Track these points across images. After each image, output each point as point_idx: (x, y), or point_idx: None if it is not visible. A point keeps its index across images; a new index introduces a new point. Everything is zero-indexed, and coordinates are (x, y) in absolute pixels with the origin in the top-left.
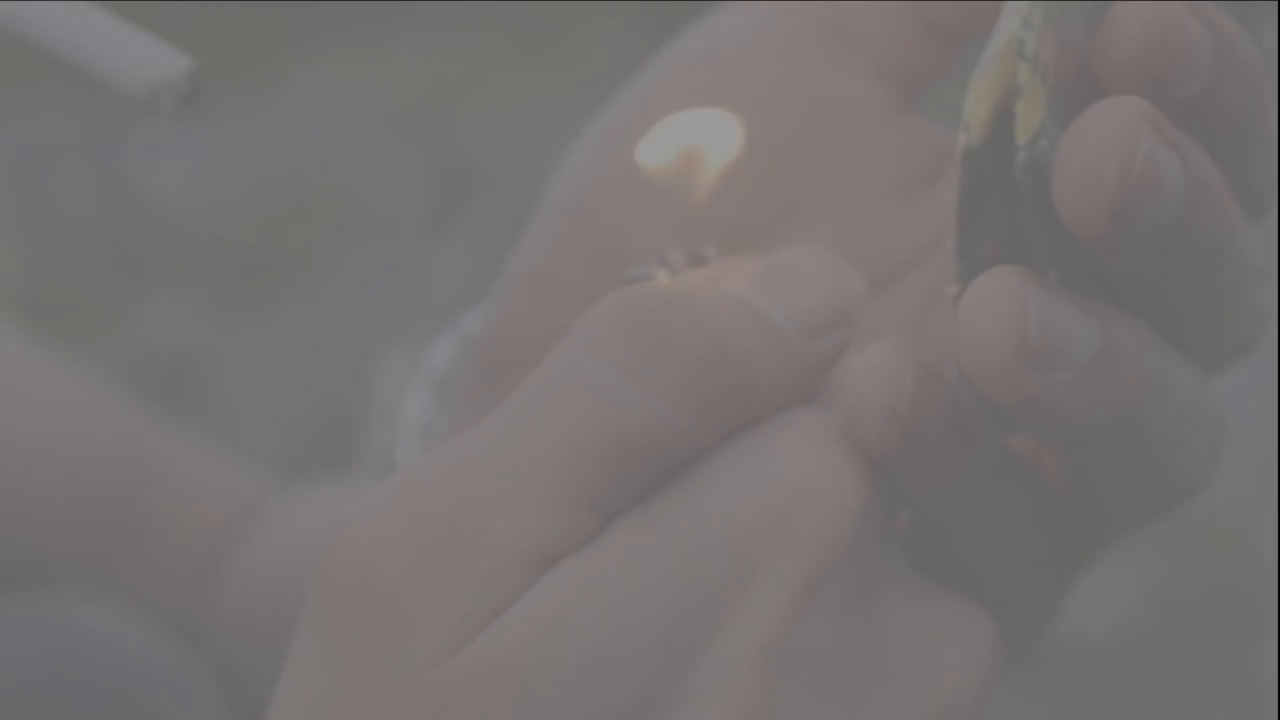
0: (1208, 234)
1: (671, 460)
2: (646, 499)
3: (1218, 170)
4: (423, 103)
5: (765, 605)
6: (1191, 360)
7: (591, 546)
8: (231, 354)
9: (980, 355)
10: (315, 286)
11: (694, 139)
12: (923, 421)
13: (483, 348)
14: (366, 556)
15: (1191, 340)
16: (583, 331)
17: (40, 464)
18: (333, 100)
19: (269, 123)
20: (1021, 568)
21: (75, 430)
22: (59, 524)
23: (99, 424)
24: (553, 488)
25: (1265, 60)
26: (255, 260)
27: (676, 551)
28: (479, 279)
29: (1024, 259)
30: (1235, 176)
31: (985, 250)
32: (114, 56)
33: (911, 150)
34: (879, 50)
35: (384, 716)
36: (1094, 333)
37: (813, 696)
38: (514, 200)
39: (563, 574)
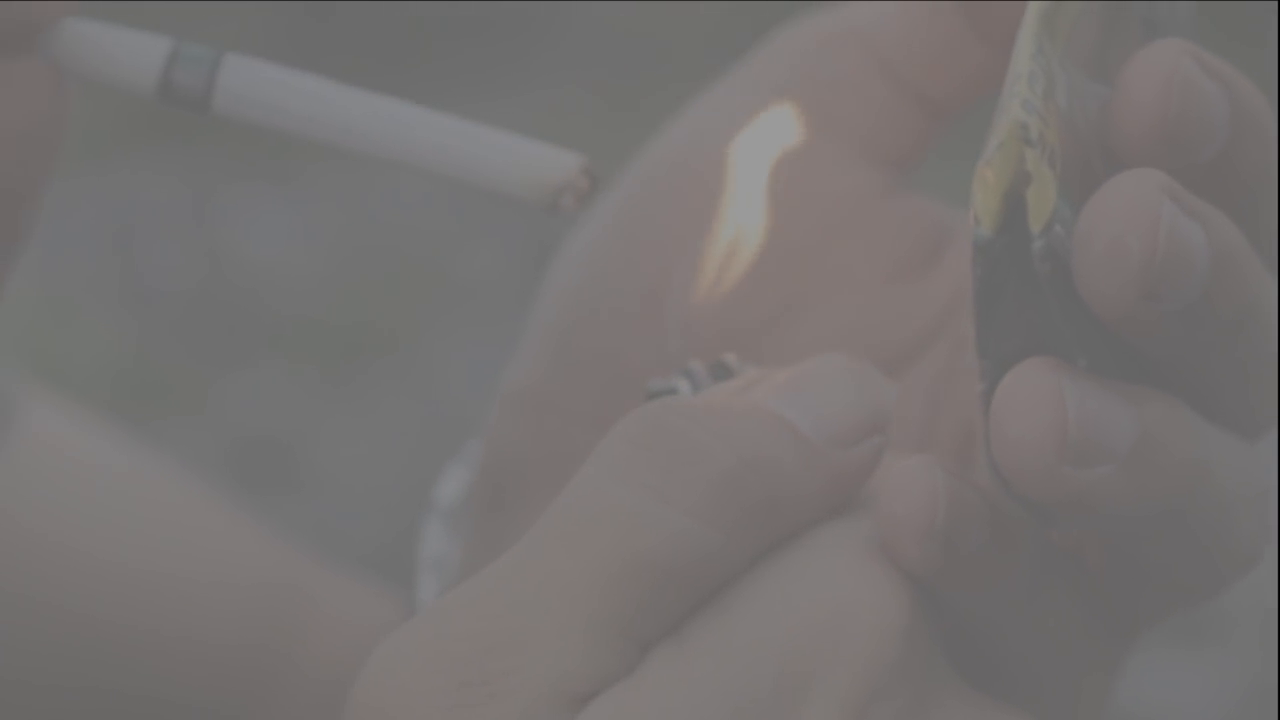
0: (1235, 300)
1: (705, 582)
2: (682, 626)
3: (1239, 232)
4: None
5: None
6: (1231, 430)
7: (627, 681)
8: (324, 432)
9: (1019, 455)
10: (409, 362)
11: (684, 245)
12: (962, 534)
13: (486, 474)
14: (393, 707)
15: (1227, 409)
16: (604, 452)
17: (194, 608)
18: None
19: (360, 192)
20: (1072, 664)
21: (228, 575)
22: (210, 666)
23: (251, 568)
24: (582, 620)
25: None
26: (348, 335)
27: (718, 682)
28: None
29: (1050, 348)
30: (1252, 232)
31: (1009, 344)
32: (509, 168)
33: (908, 232)
34: (866, 132)
35: None
36: (1133, 419)
37: None
38: None
39: (598, 712)
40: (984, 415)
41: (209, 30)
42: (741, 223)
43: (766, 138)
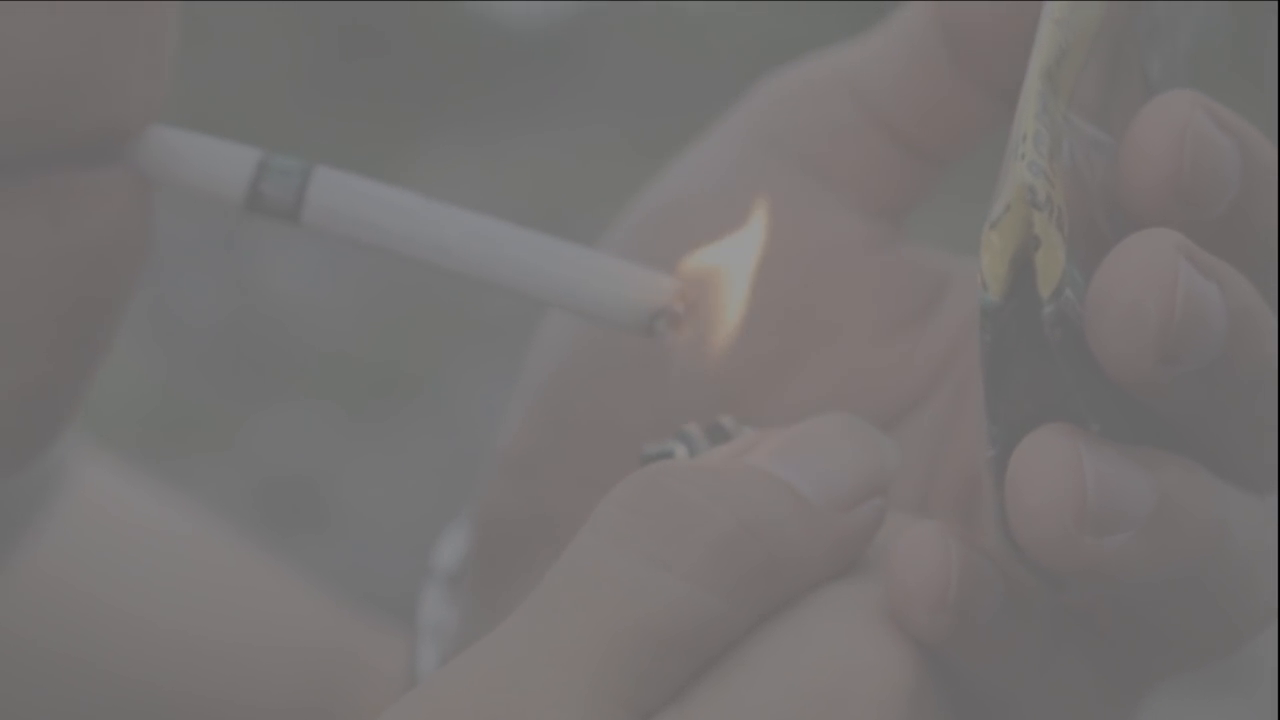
0: (1252, 358)
1: (706, 649)
2: (684, 694)
3: (1254, 288)
4: (539, 203)
5: None
6: (1246, 487)
7: None
8: (350, 471)
9: (1037, 526)
10: (434, 400)
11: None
12: (974, 604)
13: (480, 538)
14: None
15: (1243, 466)
16: (600, 518)
17: (248, 673)
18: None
19: None
20: None
21: (281, 639)
22: (273, 708)
23: (303, 631)
24: (583, 692)
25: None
26: (374, 372)
27: None
28: None
29: (1061, 413)
30: (1265, 284)
31: (1019, 409)
32: (604, 293)
33: (903, 283)
34: (859, 182)
35: None
36: (1151, 485)
37: None
38: None
39: None
40: (993, 481)
41: (236, 67)
42: (734, 276)
43: (758, 189)
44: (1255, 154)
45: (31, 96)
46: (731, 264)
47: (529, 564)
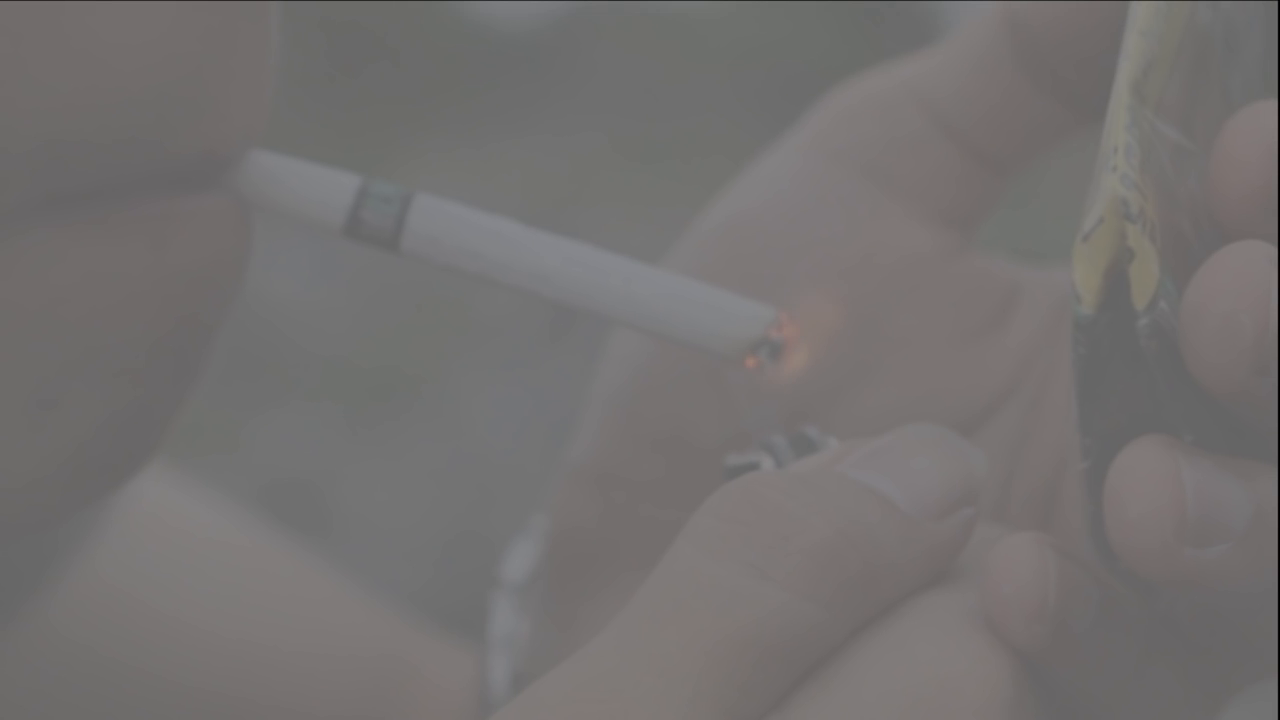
0: None
1: (806, 658)
2: (784, 704)
3: None
4: (529, 207)
5: None
6: None
7: None
8: (351, 473)
9: (1137, 535)
10: (433, 400)
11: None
12: (1072, 614)
13: (554, 550)
14: None
15: None
16: (696, 529)
17: (302, 681)
18: None
19: None
20: None
21: (335, 647)
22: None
23: (356, 639)
24: (683, 701)
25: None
26: (371, 374)
27: None
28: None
29: (1155, 425)
30: None
31: (1112, 420)
32: (706, 324)
33: (974, 292)
34: (929, 193)
35: None
36: (1248, 496)
37: None
38: None
39: None
40: (1086, 493)
41: None
42: (805, 289)
43: (827, 202)
44: None
45: (134, 115)
46: (802, 274)
47: (602, 575)
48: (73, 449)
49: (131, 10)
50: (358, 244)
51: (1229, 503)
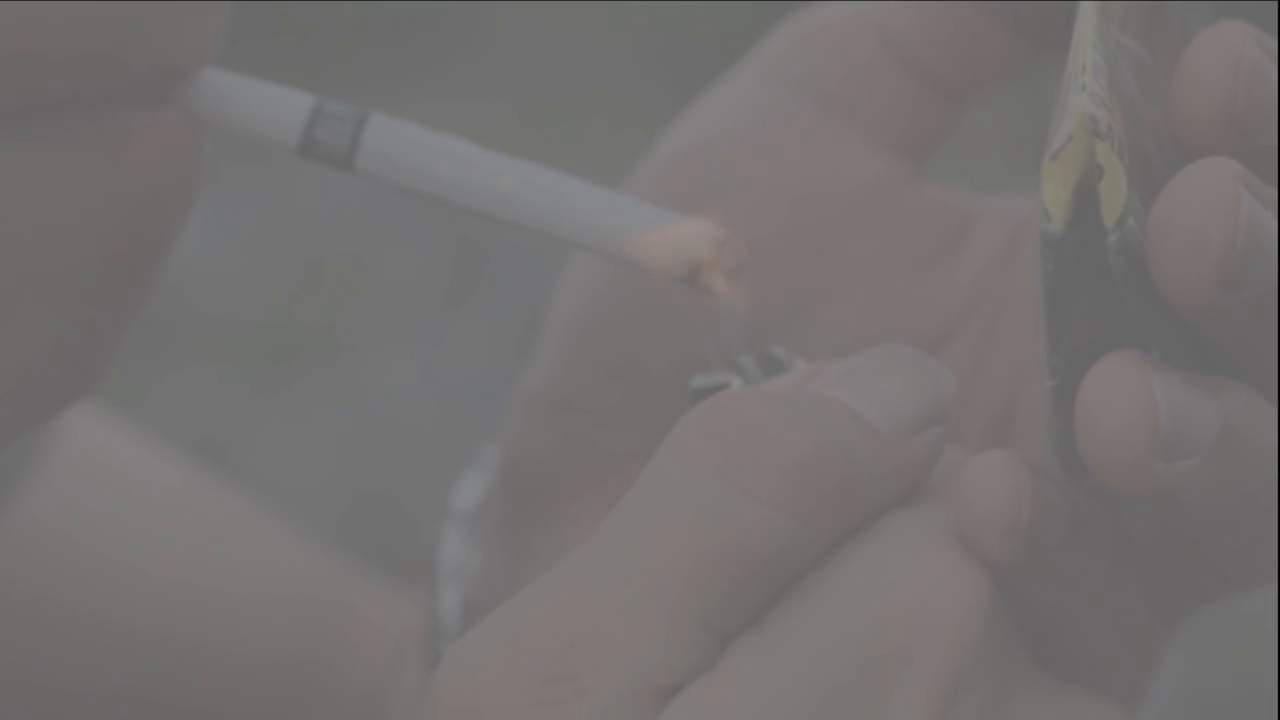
0: None
1: (784, 572)
2: (762, 618)
3: None
4: None
5: None
6: None
7: (711, 673)
8: (253, 433)
9: (1110, 449)
10: (334, 362)
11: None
12: (1044, 530)
13: (506, 477)
14: (479, 706)
15: None
16: (675, 444)
17: (245, 623)
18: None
19: (281, 193)
20: (1134, 646)
21: (278, 591)
22: (257, 680)
23: (300, 583)
24: (665, 614)
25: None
26: (272, 336)
27: (803, 674)
28: (498, 350)
29: (1122, 341)
30: None
31: (1079, 339)
32: (659, 246)
33: (928, 220)
34: (883, 120)
35: None
36: (1217, 410)
37: None
38: (528, 270)
39: (685, 705)
40: (1053, 410)
41: None
42: (760, 216)
43: (782, 129)
44: None
45: (84, 32)
46: (756, 202)
47: (556, 502)
48: (17, 368)
49: None
50: (311, 162)
51: (1198, 417)
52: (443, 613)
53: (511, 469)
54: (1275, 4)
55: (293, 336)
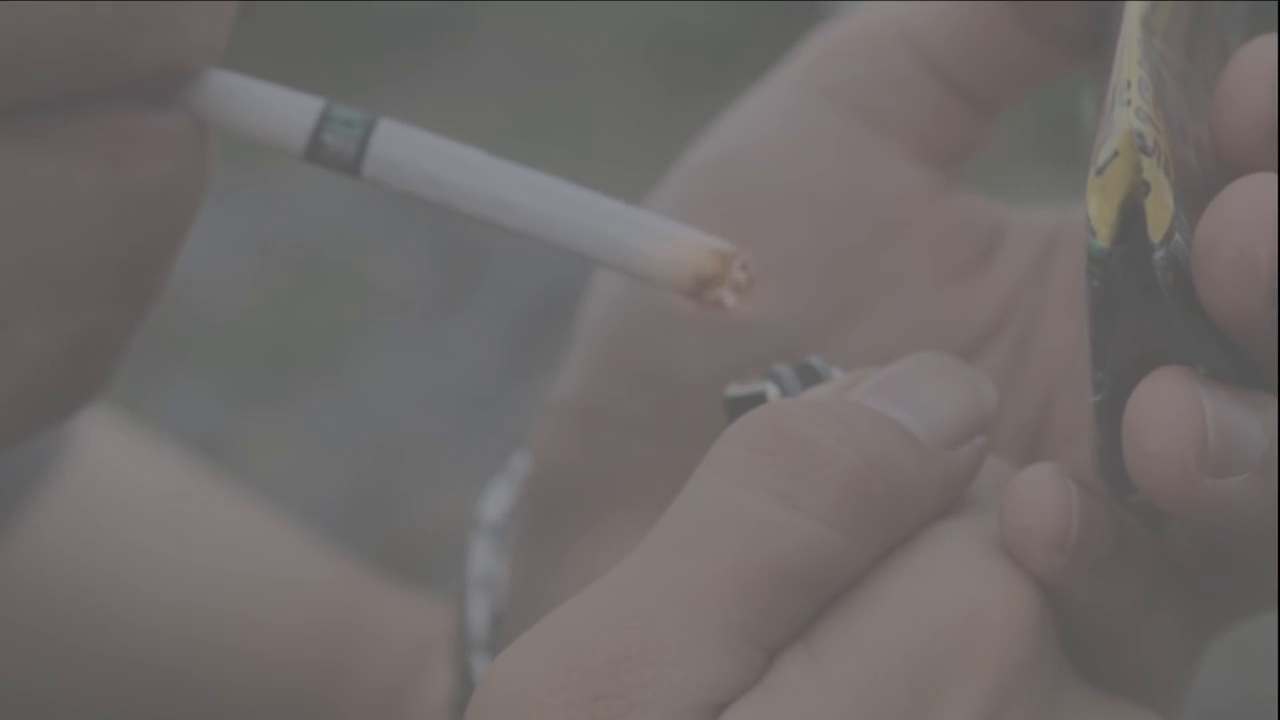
0: None
1: (832, 587)
2: (810, 631)
3: None
4: None
5: None
6: None
7: (761, 688)
8: (248, 438)
9: (1159, 467)
10: (330, 365)
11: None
12: (1090, 544)
13: (534, 487)
14: (528, 716)
15: None
16: (722, 457)
17: (250, 654)
18: (337, 175)
19: (276, 199)
20: (1174, 659)
21: (286, 596)
22: (266, 681)
23: (307, 587)
24: (714, 629)
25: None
26: (268, 340)
27: (852, 688)
28: (493, 354)
29: (1168, 358)
30: None
31: (1125, 354)
32: (665, 260)
33: (961, 230)
34: (916, 131)
35: None
36: (1263, 426)
37: None
38: (523, 274)
39: None
40: (1097, 426)
41: None
42: (793, 226)
43: (815, 140)
44: None
45: (91, 29)
46: (790, 212)
47: (588, 514)
48: (24, 371)
49: None
50: (318, 167)
51: (1246, 433)
52: (472, 623)
53: (541, 479)
54: (1275, 3)
55: (288, 341)
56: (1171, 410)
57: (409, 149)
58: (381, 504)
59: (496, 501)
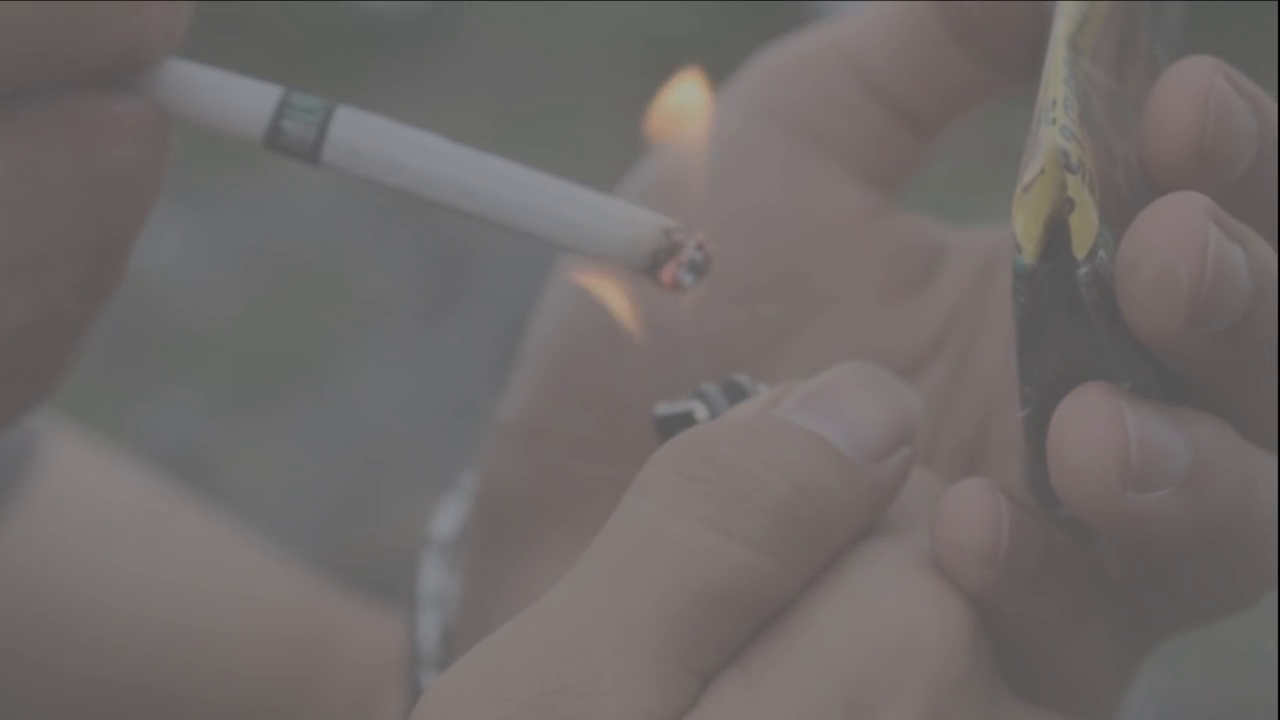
0: (1273, 319)
1: (764, 611)
2: (744, 655)
3: (1273, 251)
4: None
5: None
6: (1266, 449)
7: (696, 713)
8: (232, 445)
9: (1081, 480)
10: (315, 375)
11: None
12: (1021, 558)
13: (483, 507)
14: None
15: (1263, 428)
16: (651, 483)
17: (222, 647)
18: (322, 183)
19: (260, 209)
20: (1113, 675)
21: (255, 613)
22: (234, 698)
23: (276, 604)
24: (648, 656)
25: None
26: (252, 350)
27: (788, 711)
28: (477, 364)
29: (1094, 373)
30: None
31: (1051, 369)
32: (622, 239)
33: (901, 250)
34: (857, 152)
35: None
36: (1188, 442)
37: None
38: (507, 284)
39: None
40: (1025, 440)
41: None
42: (733, 247)
43: (757, 161)
44: (1267, 118)
45: (50, 20)
46: (731, 232)
47: (532, 531)
48: None
49: None
50: (277, 154)
51: (1169, 448)
52: (422, 640)
53: (488, 496)
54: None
55: (270, 348)
56: (1094, 425)
57: (368, 135)
58: (366, 515)
59: (447, 518)
